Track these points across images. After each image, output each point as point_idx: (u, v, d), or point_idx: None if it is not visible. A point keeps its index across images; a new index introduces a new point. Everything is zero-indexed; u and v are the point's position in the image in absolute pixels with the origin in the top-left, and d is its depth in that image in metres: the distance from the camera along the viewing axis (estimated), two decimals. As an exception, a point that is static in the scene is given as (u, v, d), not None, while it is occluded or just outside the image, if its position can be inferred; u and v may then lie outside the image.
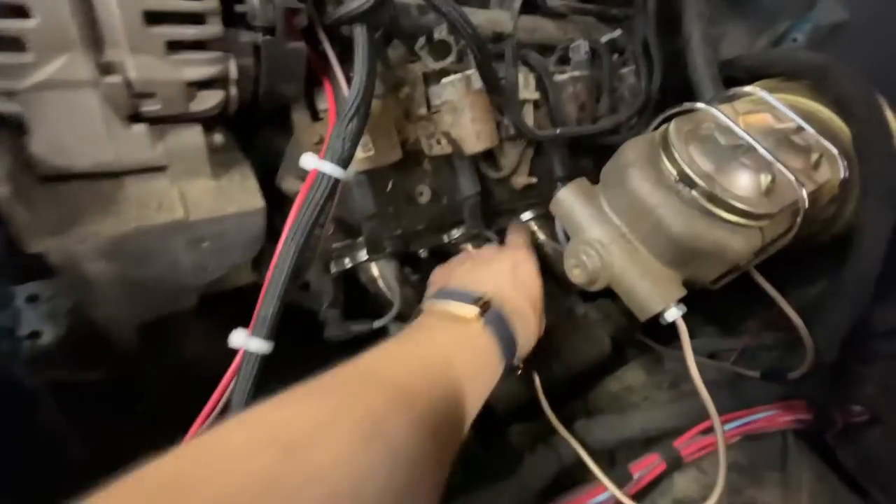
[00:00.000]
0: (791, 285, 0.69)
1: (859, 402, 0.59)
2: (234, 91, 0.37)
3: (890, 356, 0.65)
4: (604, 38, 0.65)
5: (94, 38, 0.30)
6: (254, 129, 0.50)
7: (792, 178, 0.38)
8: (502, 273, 0.47)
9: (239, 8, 0.34)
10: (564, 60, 0.64)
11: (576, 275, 0.45)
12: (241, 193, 0.40)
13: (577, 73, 0.61)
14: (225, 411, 0.33)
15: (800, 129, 0.45)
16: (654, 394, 0.74)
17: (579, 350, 0.77)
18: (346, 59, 0.42)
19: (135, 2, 0.30)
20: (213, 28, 0.33)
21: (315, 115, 0.47)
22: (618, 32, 0.66)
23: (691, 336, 0.41)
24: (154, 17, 0.31)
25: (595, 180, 0.48)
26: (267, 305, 0.34)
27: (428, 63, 0.54)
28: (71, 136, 0.33)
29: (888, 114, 0.52)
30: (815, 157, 0.44)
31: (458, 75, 0.53)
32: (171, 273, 0.41)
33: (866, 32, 0.61)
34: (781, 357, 0.79)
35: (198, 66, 0.34)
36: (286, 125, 0.48)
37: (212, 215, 0.38)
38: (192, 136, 0.37)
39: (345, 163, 0.36)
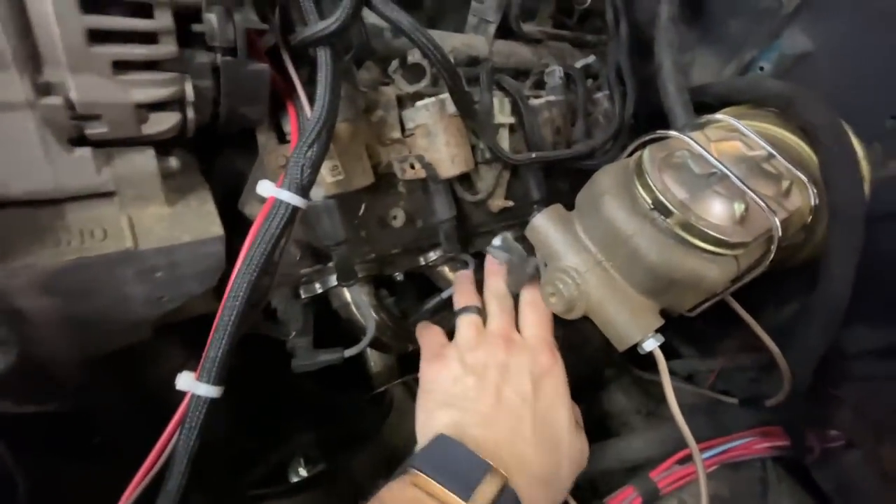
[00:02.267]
0: (764, 307, 0.70)
1: (835, 425, 0.59)
2: (191, 113, 0.35)
3: (862, 378, 0.66)
4: (578, 64, 0.65)
5: (30, 56, 0.28)
6: (217, 150, 0.48)
7: (764, 206, 0.38)
8: (523, 411, 0.37)
9: (196, 27, 0.32)
10: (539, 85, 0.64)
11: (553, 303, 0.44)
12: (198, 220, 0.38)
13: (552, 98, 0.61)
14: (170, 461, 0.30)
15: (770, 156, 0.45)
16: (633, 419, 0.73)
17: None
18: (315, 81, 0.41)
19: (76, 19, 0.28)
20: (165, 48, 0.31)
21: (282, 138, 0.45)
22: (592, 58, 0.66)
23: (669, 357, 0.41)
24: (99, 36, 0.29)
25: (572, 202, 0.47)
26: (216, 347, 0.31)
27: (401, 86, 0.53)
28: (3, 160, 0.30)
29: (853, 140, 0.54)
30: (785, 184, 0.44)
31: (433, 99, 0.52)
32: (120, 306, 0.38)
33: (830, 62, 0.63)
34: (758, 378, 0.79)
35: (149, 88, 0.31)
36: (252, 146, 0.46)
37: (164, 244, 0.35)
38: (144, 161, 0.34)
39: (304, 190, 0.34)
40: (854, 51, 0.60)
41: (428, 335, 0.50)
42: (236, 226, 0.43)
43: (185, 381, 0.31)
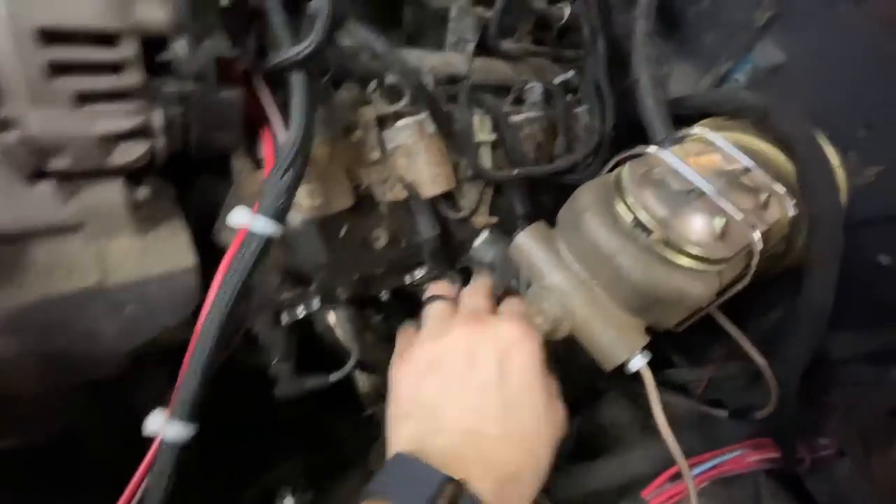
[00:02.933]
0: (749, 315, 0.70)
1: (824, 434, 0.59)
2: (161, 142, 0.34)
3: (849, 383, 0.67)
4: (557, 80, 0.66)
5: (-13, 91, 0.27)
6: (195, 176, 0.47)
7: (744, 220, 0.38)
8: (488, 403, 0.35)
9: (163, 56, 0.32)
10: (520, 101, 0.65)
11: (538, 323, 0.43)
12: (170, 251, 0.37)
13: (532, 114, 0.61)
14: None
15: (748, 169, 0.45)
16: (627, 433, 0.72)
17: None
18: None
19: (36, 52, 0.27)
20: (131, 78, 0.30)
21: (259, 163, 0.44)
22: (571, 73, 0.67)
23: (660, 366, 0.40)
24: (61, 68, 0.28)
25: (556, 216, 0.47)
26: (188, 385, 0.30)
27: (381, 106, 0.53)
28: (-40, 198, 0.29)
29: (828, 149, 0.54)
30: (763, 196, 0.44)
31: (412, 119, 0.51)
32: (90, 342, 0.37)
33: (803, 73, 0.64)
34: (748, 385, 0.79)
35: (114, 119, 0.30)
36: (228, 171, 0.45)
37: (134, 278, 0.34)
38: (111, 192, 0.33)
39: (279, 218, 0.33)
40: (825, 62, 0.62)
41: (400, 336, 0.47)
42: (214, 253, 0.42)
43: (156, 423, 0.30)
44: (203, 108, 0.34)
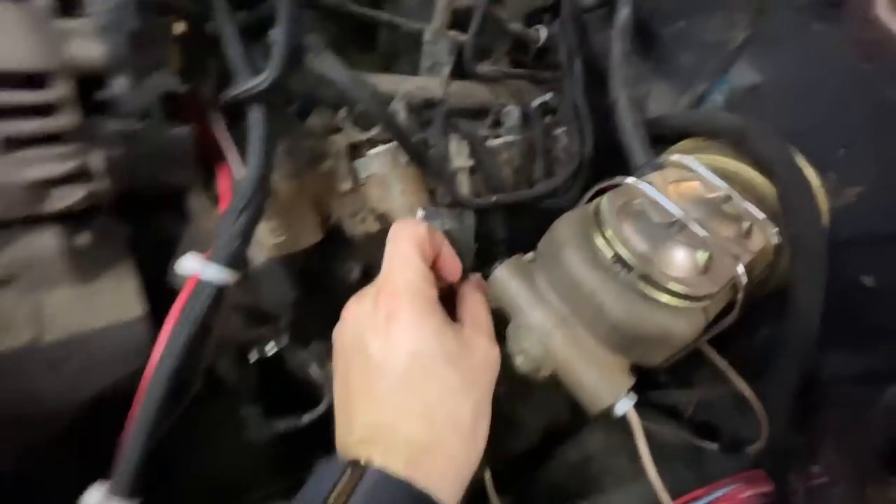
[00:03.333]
0: (735, 337, 0.69)
1: (817, 460, 0.58)
2: (103, 185, 0.31)
3: (839, 404, 0.66)
4: (535, 102, 0.64)
5: None
6: (151, 212, 0.44)
7: (727, 252, 0.37)
8: (375, 376, 0.31)
9: (102, 94, 0.29)
10: (498, 124, 0.63)
11: (519, 363, 0.41)
12: (115, 300, 0.34)
13: (510, 138, 0.59)
14: None
15: (729, 197, 0.44)
16: (615, 462, 0.70)
17: (534, 420, 0.72)
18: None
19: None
20: (65, 119, 0.27)
21: (216, 199, 0.41)
22: (549, 95, 0.66)
23: (648, 386, 0.38)
24: (-17, 112, 0.25)
25: (537, 240, 0.45)
26: (131, 455, 0.27)
27: (352, 134, 0.51)
28: None
29: (808, 171, 0.54)
30: (746, 224, 0.43)
31: (385, 147, 0.50)
32: (27, 402, 0.33)
33: (780, 94, 0.64)
34: (736, 406, 0.78)
35: (46, 163, 0.28)
36: (185, 208, 0.42)
37: (73, 333, 0.31)
38: (46, 240, 0.30)
39: (234, 264, 0.31)
40: (802, 82, 0.62)
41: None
42: (172, 296, 0.39)
43: (93, 498, 0.26)
44: (148, 146, 0.31)
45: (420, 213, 0.39)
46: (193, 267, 0.30)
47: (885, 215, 0.58)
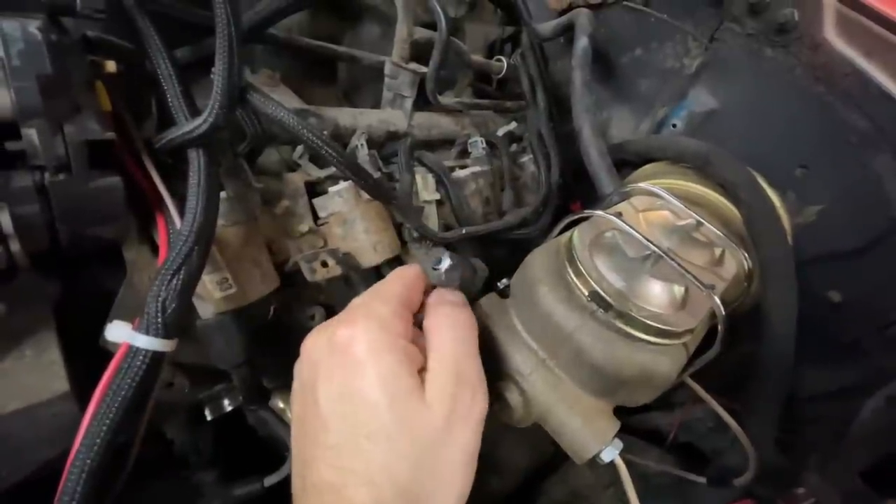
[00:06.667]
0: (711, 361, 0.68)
1: (801, 482, 0.57)
2: (14, 246, 0.27)
3: (817, 420, 0.65)
4: (500, 131, 0.64)
5: None
6: (83, 267, 0.40)
7: (703, 287, 0.36)
8: (316, 422, 0.28)
9: (13, 146, 0.26)
10: (464, 154, 0.62)
11: (496, 409, 0.38)
12: (35, 376, 0.29)
13: (476, 169, 0.58)
14: None
15: (700, 223, 0.44)
16: (600, 497, 0.67)
17: (518, 457, 0.69)
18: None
19: None
20: (-39, 176, 0.24)
21: (157, 249, 0.37)
22: (513, 125, 0.65)
23: (630, 412, 0.35)
24: None
25: (511, 268, 0.43)
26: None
27: (310, 171, 0.48)
28: None
29: (769, 193, 0.54)
30: (718, 251, 0.42)
31: (346, 184, 0.47)
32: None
33: (737, 118, 0.66)
34: (717, 427, 0.77)
35: (-61, 228, 0.24)
36: (122, 261, 0.38)
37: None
38: (-57, 316, 0.26)
39: (168, 330, 0.27)
40: (757, 106, 0.63)
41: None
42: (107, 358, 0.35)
43: None
44: (68, 201, 0.27)
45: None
46: (122, 334, 0.26)
47: (848, 231, 0.59)
